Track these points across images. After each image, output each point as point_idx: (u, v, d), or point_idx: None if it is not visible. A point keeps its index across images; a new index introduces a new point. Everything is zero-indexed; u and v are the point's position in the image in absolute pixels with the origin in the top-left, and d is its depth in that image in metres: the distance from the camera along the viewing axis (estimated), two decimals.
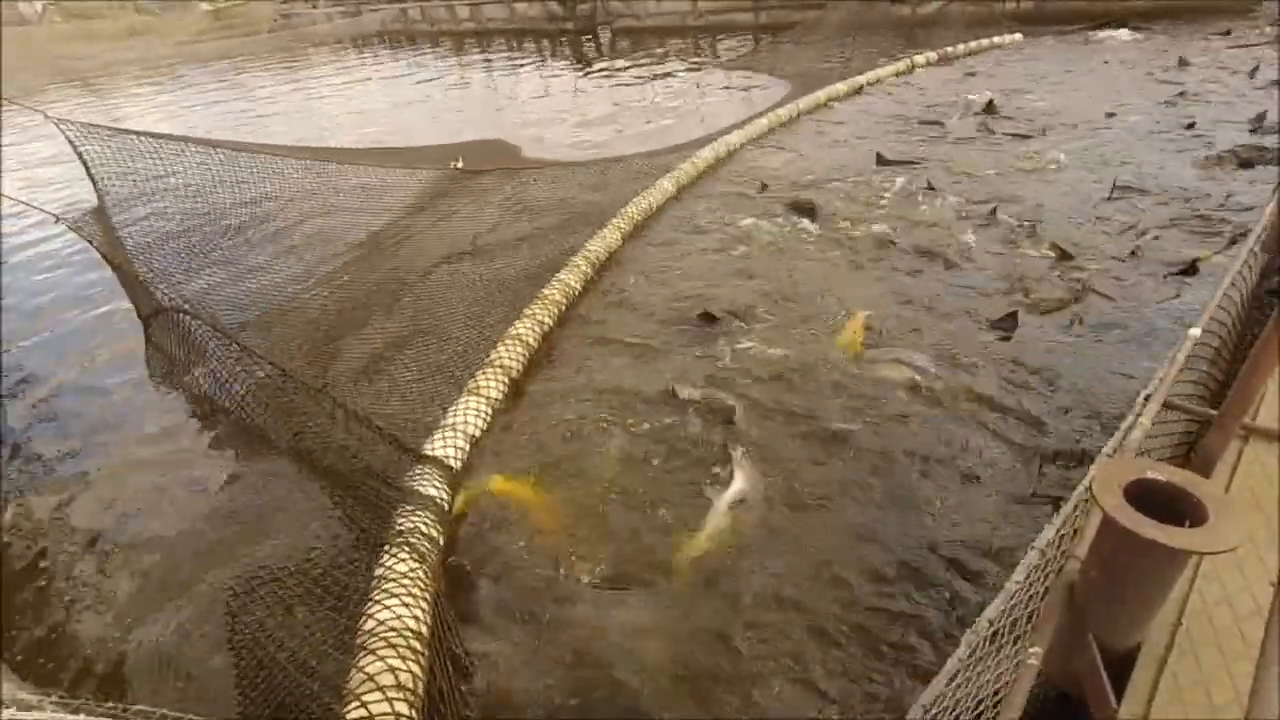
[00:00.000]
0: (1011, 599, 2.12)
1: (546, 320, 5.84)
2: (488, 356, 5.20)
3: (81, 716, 2.11)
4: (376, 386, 5.11)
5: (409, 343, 5.67)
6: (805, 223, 7.71)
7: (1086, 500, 2.48)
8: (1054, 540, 2.31)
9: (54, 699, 2.20)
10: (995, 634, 2.04)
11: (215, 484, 4.61)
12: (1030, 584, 2.22)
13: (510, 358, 5.22)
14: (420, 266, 7.13)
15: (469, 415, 4.63)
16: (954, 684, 1.90)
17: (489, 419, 4.74)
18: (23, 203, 6.17)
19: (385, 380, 5.18)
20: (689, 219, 8.27)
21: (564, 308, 6.16)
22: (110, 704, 2.18)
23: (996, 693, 2.04)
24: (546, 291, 6.14)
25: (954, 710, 1.91)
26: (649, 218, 8.23)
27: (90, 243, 6.12)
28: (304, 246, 7.71)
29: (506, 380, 5.06)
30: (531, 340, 5.54)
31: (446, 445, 4.35)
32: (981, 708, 2.00)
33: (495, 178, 9.52)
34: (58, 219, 5.90)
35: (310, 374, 5.14)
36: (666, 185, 8.86)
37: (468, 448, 4.45)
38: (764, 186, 8.94)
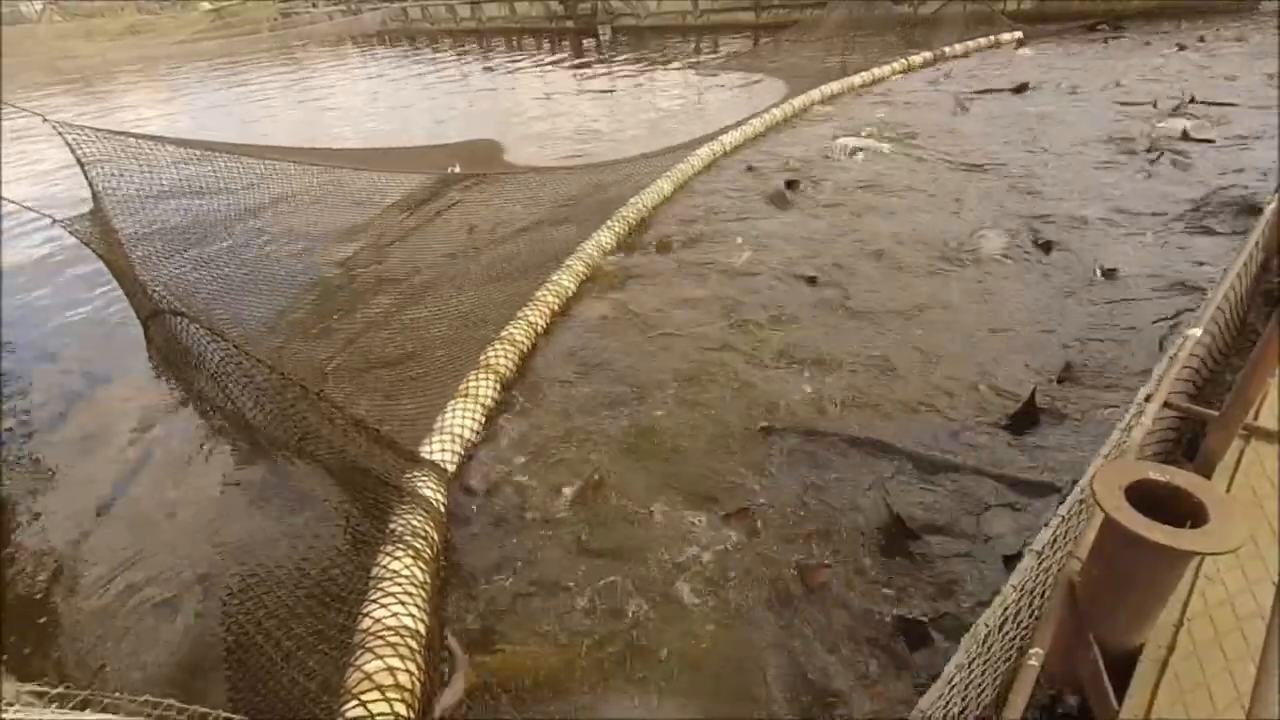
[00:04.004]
0: (1008, 601, 2.11)
1: (539, 321, 5.84)
2: (480, 359, 5.20)
3: (88, 711, 2.08)
4: (372, 388, 5.09)
5: (404, 344, 5.65)
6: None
7: (1084, 501, 2.47)
8: (1051, 542, 2.30)
9: (55, 693, 2.17)
10: (989, 635, 2.03)
11: (212, 485, 4.60)
12: (1028, 586, 2.21)
13: (502, 360, 5.22)
14: (416, 269, 7.12)
15: (462, 418, 4.62)
16: (951, 686, 1.89)
17: (481, 422, 4.74)
18: (19, 204, 6.12)
19: (381, 382, 5.17)
20: (686, 220, 8.25)
21: (556, 309, 6.15)
22: (116, 693, 2.15)
23: (997, 695, 2.03)
24: (540, 293, 6.13)
25: (950, 711, 1.90)
26: (645, 219, 8.19)
27: (88, 245, 6.10)
28: (301, 248, 7.69)
29: (498, 383, 5.06)
30: (524, 342, 5.55)
31: (443, 449, 4.35)
32: (982, 710, 1.99)
33: (491, 180, 9.50)
34: (54, 221, 5.85)
35: (306, 375, 5.12)
36: (663, 186, 8.82)
37: (461, 450, 4.46)
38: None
